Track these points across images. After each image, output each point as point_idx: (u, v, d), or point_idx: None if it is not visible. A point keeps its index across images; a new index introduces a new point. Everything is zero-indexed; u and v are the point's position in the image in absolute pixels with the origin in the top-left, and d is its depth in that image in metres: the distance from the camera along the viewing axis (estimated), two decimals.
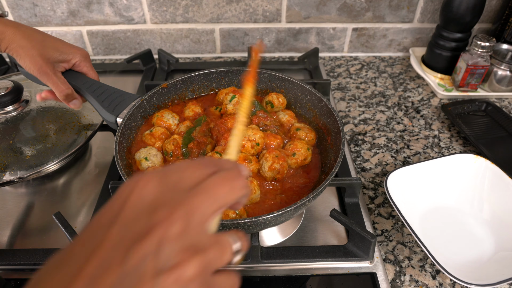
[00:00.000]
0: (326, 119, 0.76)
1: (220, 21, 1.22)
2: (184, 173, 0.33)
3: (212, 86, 0.87)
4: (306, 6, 1.18)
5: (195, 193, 0.31)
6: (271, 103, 0.81)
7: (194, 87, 0.85)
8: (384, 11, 1.20)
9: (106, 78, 1.15)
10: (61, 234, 0.70)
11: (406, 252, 0.70)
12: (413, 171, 0.76)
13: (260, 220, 0.54)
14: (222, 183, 0.32)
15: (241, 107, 0.57)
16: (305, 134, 0.75)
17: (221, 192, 0.32)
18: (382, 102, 1.08)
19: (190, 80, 0.83)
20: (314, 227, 0.72)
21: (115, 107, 0.73)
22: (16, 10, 1.17)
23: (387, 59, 1.28)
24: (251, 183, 0.65)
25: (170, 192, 0.31)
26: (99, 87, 0.75)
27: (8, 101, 0.80)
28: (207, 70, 0.84)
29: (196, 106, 0.80)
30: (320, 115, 0.78)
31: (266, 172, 0.67)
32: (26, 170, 0.73)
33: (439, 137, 0.96)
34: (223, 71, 0.85)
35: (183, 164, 0.34)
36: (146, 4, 1.17)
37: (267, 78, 0.84)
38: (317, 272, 0.65)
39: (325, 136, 0.75)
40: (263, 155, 0.69)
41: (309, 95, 0.80)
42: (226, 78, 0.86)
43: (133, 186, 0.31)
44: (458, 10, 1.02)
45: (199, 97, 0.87)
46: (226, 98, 0.78)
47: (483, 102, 1.01)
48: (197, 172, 0.33)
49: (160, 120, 0.76)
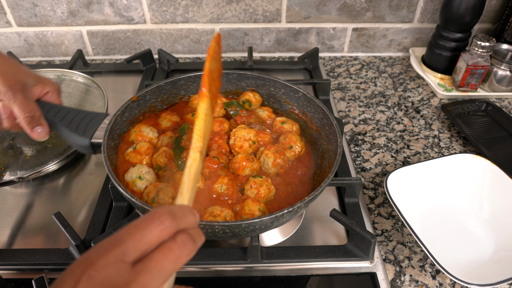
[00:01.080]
0: (306, 108, 0.77)
1: (220, 21, 1.22)
2: (128, 243, 0.33)
3: (180, 94, 0.82)
4: (306, 6, 1.18)
5: (140, 272, 0.32)
6: (248, 102, 0.81)
7: (163, 97, 0.80)
8: (384, 11, 1.20)
9: (106, 78, 1.15)
10: (61, 234, 0.70)
11: (406, 252, 0.70)
12: (413, 171, 0.76)
13: (256, 222, 0.53)
14: (166, 257, 0.34)
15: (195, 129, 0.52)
16: (291, 126, 0.76)
17: (167, 267, 0.34)
18: (382, 102, 1.08)
19: (158, 90, 0.78)
20: (314, 227, 0.72)
21: (85, 129, 0.65)
22: (16, 10, 1.17)
23: (387, 59, 1.28)
24: (266, 181, 0.64)
25: (115, 274, 0.32)
26: (60, 110, 0.66)
27: None
28: (174, 78, 0.79)
29: (171, 115, 0.77)
30: (298, 105, 0.79)
31: (270, 169, 0.67)
32: (26, 170, 0.73)
33: (439, 137, 0.96)
34: (190, 77, 0.81)
35: (130, 228, 0.35)
36: (146, 4, 1.17)
37: (236, 78, 0.83)
38: (317, 272, 0.65)
39: (308, 124, 0.77)
40: (262, 153, 0.69)
41: (283, 88, 0.80)
42: (194, 84, 0.82)
43: (82, 270, 0.32)
44: (458, 10, 1.02)
45: (169, 107, 0.82)
46: None
47: (483, 102, 1.01)
48: (143, 239, 0.34)
49: (139, 136, 0.71)
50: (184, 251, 0.35)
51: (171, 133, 0.72)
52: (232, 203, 0.63)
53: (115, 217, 0.72)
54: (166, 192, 0.61)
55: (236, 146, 0.69)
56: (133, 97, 0.73)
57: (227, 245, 0.68)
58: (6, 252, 0.67)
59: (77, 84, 0.93)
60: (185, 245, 0.35)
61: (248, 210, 0.60)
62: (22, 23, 1.21)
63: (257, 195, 0.63)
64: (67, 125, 0.64)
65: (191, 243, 0.36)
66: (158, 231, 0.34)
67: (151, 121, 0.77)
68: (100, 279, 0.31)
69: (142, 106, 0.76)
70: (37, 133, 0.63)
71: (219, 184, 0.63)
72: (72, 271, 0.32)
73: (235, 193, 0.64)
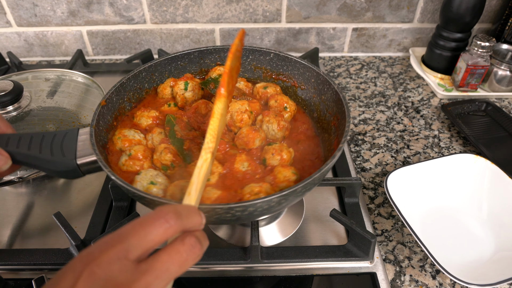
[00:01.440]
0: (281, 68, 0.77)
1: (220, 21, 1.22)
2: (132, 240, 0.32)
3: (145, 88, 0.76)
4: (306, 6, 1.18)
5: (144, 272, 0.31)
6: (219, 76, 0.76)
7: (129, 95, 0.73)
8: (384, 11, 1.20)
9: (106, 78, 1.15)
10: (61, 234, 0.70)
11: (406, 252, 0.70)
12: (413, 171, 0.76)
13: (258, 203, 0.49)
14: (173, 259, 0.33)
15: (209, 129, 0.50)
16: (274, 89, 0.75)
17: (172, 269, 0.33)
18: (382, 102, 1.08)
19: (122, 88, 0.71)
20: (314, 227, 0.72)
21: (62, 151, 0.56)
22: (16, 10, 1.17)
23: (387, 59, 1.28)
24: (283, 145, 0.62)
25: (118, 271, 0.31)
26: (20, 138, 0.55)
27: (8, 101, 0.80)
28: (135, 71, 0.73)
29: (148, 111, 0.70)
30: (272, 68, 0.79)
31: (277, 134, 0.66)
32: (26, 170, 0.73)
33: (439, 137, 0.96)
34: (151, 67, 0.75)
35: (135, 224, 0.34)
36: (146, 4, 1.17)
37: (198, 56, 0.79)
38: (317, 272, 0.65)
39: (288, 83, 0.77)
40: (263, 121, 0.67)
41: (251, 54, 0.79)
42: (156, 73, 0.77)
43: (84, 265, 0.31)
44: (458, 10, 1.02)
45: (137, 104, 0.75)
46: (178, 88, 0.72)
47: (483, 102, 1.01)
48: (147, 237, 0.33)
49: (126, 141, 0.64)
50: (192, 255, 0.35)
51: (158, 129, 0.66)
52: (260, 176, 0.60)
53: (115, 217, 0.72)
54: None
55: (236, 121, 0.66)
56: (101, 102, 0.65)
57: (227, 245, 0.68)
58: (6, 252, 0.67)
59: (77, 84, 0.93)
60: (193, 248, 0.35)
61: (283, 177, 0.58)
62: (22, 23, 1.21)
63: (281, 161, 0.61)
64: (38, 152, 0.54)
65: (199, 247, 0.35)
66: (163, 230, 0.34)
67: (127, 123, 0.70)
68: (102, 276, 0.30)
69: (111, 110, 0.68)
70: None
71: (239, 163, 0.60)
72: (73, 266, 0.31)
73: (258, 166, 0.61)
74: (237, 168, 0.60)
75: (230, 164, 0.60)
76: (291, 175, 0.58)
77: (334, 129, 0.66)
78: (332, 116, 0.68)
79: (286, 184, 0.57)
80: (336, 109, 0.67)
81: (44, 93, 0.89)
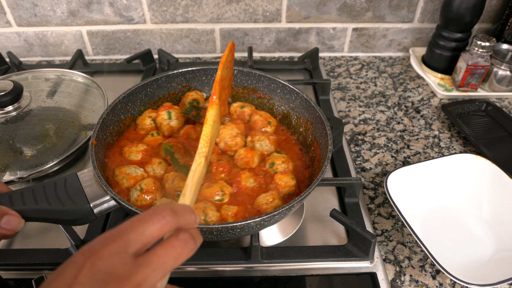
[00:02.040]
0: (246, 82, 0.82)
1: (220, 21, 1.22)
2: (131, 235, 0.34)
3: (121, 119, 0.75)
4: (306, 6, 1.18)
5: (142, 265, 0.34)
6: (196, 100, 0.80)
7: (110, 129, 0.72)
8: (384, 11, 1.20)
9: (106, 78, 1.15)
10: (61, 234, 0.70)
11: (406, 252, 0.70)
12: (413, 171, 0.76)
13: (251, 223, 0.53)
14: (168, 253, 0.35)
15: (203, 134, 0.53)
16: (250, 109, 0.80)
17: (168, 263, 0.35)
18: (382, 102, 1.08)
19: (104, 123, 0.69)
20: (314, 227, 0.72)
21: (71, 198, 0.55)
22: (16, 10, 1.17)
23: (387, 59, 1.28)
24: (284, 156, 0.69)
25: (118, 264, 0.33)
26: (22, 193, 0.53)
27: (8, 101, 0.80)
28: (111, 105, 0.72)
29: (136, 145, 0.70)
30: (236, 83, 0.83)
31: (271, 147, 0.72)
32: (26, 170, 0.73)
33: (439, 137, 0.96)
34: (124, 97, 0.74)
35: (133, 221, 0.35)
36: (146, 4, 1.17)
37: (165, 81, 0.81)
38: (317, 272, 0.65)
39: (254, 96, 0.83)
40: (253, 141, 0.72)
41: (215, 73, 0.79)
42: (129, 103, 0.76)
43: (86, 258, 0.33)
44: (458, 10, 1.02)
45: (118, 137, 0.74)
46: (162, 118, 0.74)
47: (483, 102, 1.01)
48: (145, 232, 0.35)
49: (130, 179, 0.64)
50: (186, 249, 0.36)
51: (157, 160, 0.68)
52: (266, 187, 0.66)
53: (115, 217, 0.72)
54: (210, 207, 0.60)
55: (231, 146, 0.71)
56: (92, 141, 0.64)
57: (227, 245, 0.68)
58: (6, 252, 0.67)
59: (77, 84, 0.93)
60: (187, 243, 0.37)
61: (284, 183, 0.65)
62: (22, 23, 1.21)
63: (285, 169, 0.68)
64: (48, 205, 0.53)
65: (192, 242, 0.37)
66: (160, 225, 0.35)
67: (117, 159, 0.70)
68: (103, 268, 0.32)
69: (100, 148, 0.67)
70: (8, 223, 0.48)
71: (245, 180, 0.65)
72: (75, 259, 0.33)
73: (261, 179, 0.67)
74: (244, 185, 0.65)
75: (238, 183, 0.65)
76: (291, 180, 0.65)
77: (309, 132, 0.74)
78: (305, 122, 0.76)
79: (288, 189, 0.65)
80: (308, 115, 0.74)
81: (44, 93, 0.90)
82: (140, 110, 0.79)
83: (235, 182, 0.65)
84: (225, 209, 0.60)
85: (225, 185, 0.64)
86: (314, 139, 0.72)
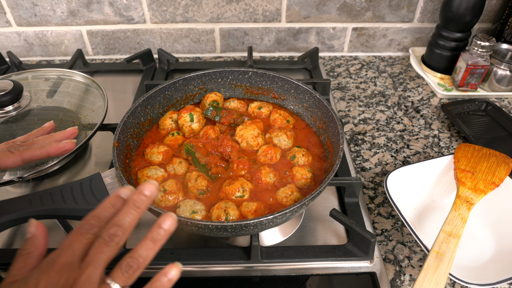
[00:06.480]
0: (260, 83, 0.85)
1: (220, 20, 1.22)
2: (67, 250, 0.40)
3: (141, 121, 0.78)
4: (306, 6, 1.18)
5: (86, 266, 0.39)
6: (216, 102, 0.82)
7: (131, 131, 0.74)
8: (384, 11, 1.20)
9: (106, 78, 1.15)
10: (61, 234, 0.70)
11: (406, 251, 0.70)
12: (413, 171, 0.76)
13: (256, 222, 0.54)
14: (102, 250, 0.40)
15: None
16: (267, 109, 0.83)
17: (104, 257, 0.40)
18: (382, 101, 1.08)
19: (125, 126, 0.71)
20: (314, 227, 0.72)
21: (98, 198, 0.58)
22: (16, 10, 1.17)
23: (387, 59, 1.28)
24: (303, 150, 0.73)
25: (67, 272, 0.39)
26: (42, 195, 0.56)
27: (8, 101, 0.80)
28: (132, 109, 0.74)
29: (157, 147, 0.72)
30: (251, 84, 0.86)
31: (289, 142, 0.75)
32: (26, 170, 0.73)
33: (439, 137, 0.96)
34: (144, 101, 0.77)
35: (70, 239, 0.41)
36: (146, 3, 1.17)
37: (182, 84, 0.83)
38: (317, 271, 0.65)
39: (269, 96, 0.86)
40: (272, 138, 0.75)
41: (231, 75, 0.86)
42: (149, 106, 0.79)
43: None
44: (458, 10, 1.02)
45: (140, 140, 0.77)
46: (184, 120, 0.76)
47: (483, 101, 1.01)
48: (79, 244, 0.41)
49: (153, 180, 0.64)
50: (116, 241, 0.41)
51: (178, 159, 0.70)
52: (285, 180, 0.69)
53: None
54: (231, 206, 0.62)
55: (253, 146, 0.73)
56: (114, 143, 0.66)
57: (227, 245, 0.68)
58: (6, 252, 0.67)
59: (77, 84, 0.93)
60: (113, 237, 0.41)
61: (301, 175, 0.68)
62: (22, 22, 1.21)
63: (305, 162, 0.71)
64: (75, 203, 0.56)
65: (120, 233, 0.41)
66: (82, 242, 0.41)
67: (139, 163, 0.72)
68: None
69: (122, 150, 0.69)
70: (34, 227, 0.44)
71: (266, 175, 0.67)
72: None
73: (280, 173, 0.70)
74: (265, 180, 0.67)
75: (258, 179, 0.67)
76: (307, 172, 0.68)
77: (323, 131, 0.77)
78: (319, 121, 0.78)
79: (304, 181, 0.68)
80: (321, 114, 0.77)
81: (44, 93, 0.89)
82: (159, 113, 0.82)
83: (255, 178, 0.67)
84: (245, 206, 0.63)
85: (245, 182, 0.66)
86: (328, 137, 0.75)
